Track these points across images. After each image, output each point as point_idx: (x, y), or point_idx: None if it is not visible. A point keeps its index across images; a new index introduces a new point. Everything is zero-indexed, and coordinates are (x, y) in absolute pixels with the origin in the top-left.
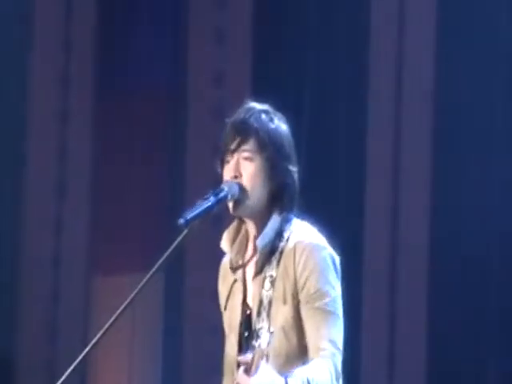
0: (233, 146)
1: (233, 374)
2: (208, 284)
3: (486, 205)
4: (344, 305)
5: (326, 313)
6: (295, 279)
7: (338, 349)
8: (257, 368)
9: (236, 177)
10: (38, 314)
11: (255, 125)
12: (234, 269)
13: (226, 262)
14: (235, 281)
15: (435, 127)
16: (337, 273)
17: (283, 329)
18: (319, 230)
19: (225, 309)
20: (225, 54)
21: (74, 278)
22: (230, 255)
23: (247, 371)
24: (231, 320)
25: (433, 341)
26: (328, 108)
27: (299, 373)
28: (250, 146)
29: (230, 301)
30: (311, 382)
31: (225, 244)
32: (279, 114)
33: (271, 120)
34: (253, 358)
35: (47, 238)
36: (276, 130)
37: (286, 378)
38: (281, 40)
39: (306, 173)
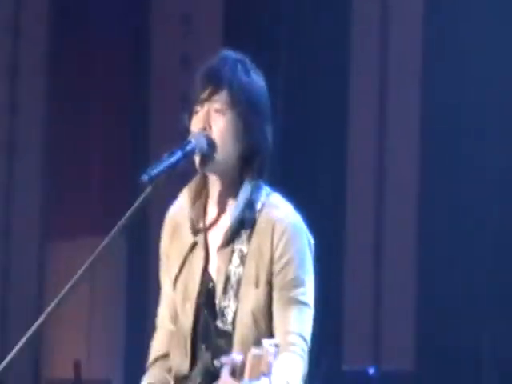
0: (203, 96)
1: (185, 347)
2: None
3: (479, 175)
4: (329, 270)
5: (300, 304)
6: (271, 261)
7: (307, 344)
8: (257, 377)
9: (205, 129)
10: None
11: (229, 75)
12: (195, 231)
13: (175, 214)
14: (195, 244)
15: (422, 98)
16: (312, 257)
17: (253, 314)
18: (294, 205)
19: (178, 273)
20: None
21: (27, 247)
22: (191, 214)
23: (234, 373)
24: (188, 287)
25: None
26: (307, 68)
27: (279, 374)
28: (222, 97)
29: (186, 265)
30: None
31: (186, 201)
32: (255, 67)
33: (247, 72)
34: (243, 362)
35: None
36: (251, 82)
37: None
38: None
39: (281, 135)
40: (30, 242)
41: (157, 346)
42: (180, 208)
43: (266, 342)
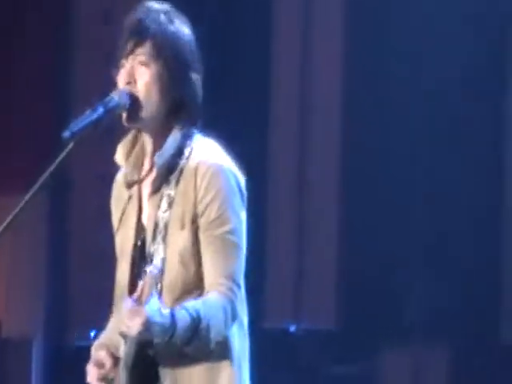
0: (127, 49)
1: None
2: (97, 203)
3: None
4: (249, 230)
5: (226, 242)
6: (195, 203)
7: (236, 284)
8: (149, 297)
9: (129, 83)
10: None
11: (152, 26)
12: (128, 184)
13: (120, 178)
14: (130, 198)
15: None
16: (242, 198)
17: (180, 256)
18: (224, 148)
19: (117, 230)
20: None
21: None
22: (125, 169)
23: (138, 300)
24: (123, 243)
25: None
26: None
27: (189, 307)
28: (145, 49)
29: (122, 221)
30: (202, 319)
31: (120, 157)
32: (182, 17)
33: (171, 22)
34: (143, 285)
35: None
36: (176, 33)
37: (172, 312)
38: None
39: (208, 83)
40: None
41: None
42: (123, 171)
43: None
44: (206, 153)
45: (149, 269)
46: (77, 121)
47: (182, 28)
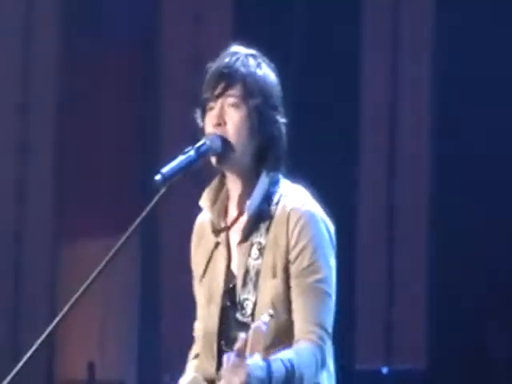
0: (217, 92)
1: (211, 349)
2: (187, 246)
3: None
4: (338, 275)
5: (318, 291)
6: (287, 250)
7: (326, 332)
8: (253, 353)
9: (219, 124)
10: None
11: (242, 69)
12: (216, 232)
13: (202, 221)
14: (217, 244)
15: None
16: (332, 246)
17: (272, 304)
18: (312, 195)
19: (203, 275)
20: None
21: (39, 248)
22: (211, 216)
23: (240, 353)
24: (212, 288)
25: None
26: (318, 61)
27: (284, 358)
28: (236, 91)
29: (210, 267)
30: (296, 369)
31: (205, 203)
32: (267, 61)
33: (259, 66)
34: (247, 339)
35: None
36: (264, 76)
37: (268, 363)
38: None
39: (294, 128)
40: (42, 242)
41: (192, 355)
42: (204, 214)
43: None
44: (297, 200)
45: (255, 324)
46: (169, 166)
47: (269, 72)
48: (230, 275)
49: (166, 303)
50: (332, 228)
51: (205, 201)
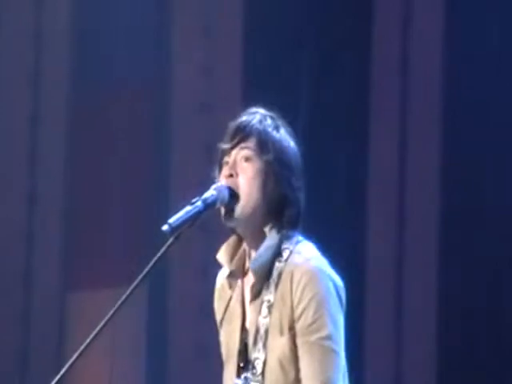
0: (231, 144)
1: None
2: (195, 298)
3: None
4: (347, 333)
5: (323, 348)
6: (292, 308)
7: None
8: None
9: (231, 175)
10: (9, 338)
11: (258, 126)
12: (230, 285)
13: (220, 278)
14: (230, 299)
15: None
16: (340, 302)
17: (280, 362)
18: (322, 252)
19: (220, 329)
20: (213, 46)
21: (47, 296)
22: (230, 270)
23: None
24: (229, 346)
25: None
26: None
27: None
28: (250, 144)
29: (226, 322)
30: None
31: (222, 258)
32: (285, 124)
33: (276, 127)
34: None
35: (18, 251)
36: (281, 137)
37: None
38: (273, 35)
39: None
40: (50, 292)
41: None
42: (224, 270)
43: None
44: (302, 257)
45: (251, 375)
46: (176, 216)
47: (287, 136)
48: (244, 333)
49: (173, 354)
50: (340, 284)
51: (222, 254)
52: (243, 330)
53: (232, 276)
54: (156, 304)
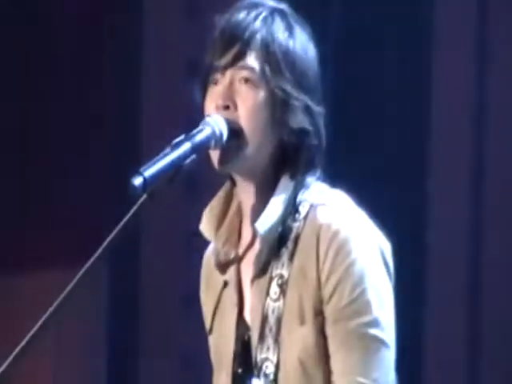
0: (226, 60)
1: None
2: (176, 283)
3: None
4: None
5: (366, 338)
6: (318, 284)
7: None
8: None
9: (227, 107)
10: None
11: (263, 30)
12: (221, 266)
13: (208, 254)
14: (225, 285)
15: None
16: (388, 272)
17: (301, 362)
18: (358, 204)
19: (210, 331)
20: None
21: None
22: (216, 244)
23: None
24: (220, 348)
25: None
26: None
27: None
28: (252, 61)
29: (216, 318)
30: None
31: (207, 227)
32: (302, 22)
33: (289, 27)
34: None
35: None
36: (295, 44)
37: None
38: None
39: (335, 119)
40: None
41: None
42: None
43: None
44: (330, 210)
45: (260, 382)
46: (150, 164)
47: (303, 38)
48: (242, 327)
49: (145, 352)
50: (387, 247)
51: (206, 224)
52: (240, 322)
53: (222, 253)
54: (120, 291)
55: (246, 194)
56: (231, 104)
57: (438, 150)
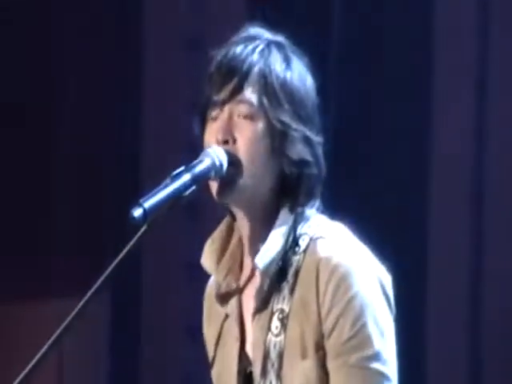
0: (223, 95)
1: None
2: (179, 311)
3: None
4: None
5: (369, 373)
6: (319, 318)
7: None
8: None
9: (226, 142)
10: None
11: (261, 63)
12: (222, 298)
13: (210, 287)
14: (226, 318)
15: None
16: (389, 305)
17: None
18: (358, 236)
19: (212, 364)
20: None
21: None
22: (217, 277)
23: None
24: (222, 382)
25: None
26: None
27: None
28: (250, 95)
29: (218, 350)
30: None
31: (208, 261)
32: (299, 53)
33: (287, 60)
34: None
35: None
36: (293, 76)
37: None
38: None
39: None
40: None
41: None
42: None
43: None
44: (330, 243)
45: None
46: (150, 195)
47: (302, 70)
48: (244, 361)
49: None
50: (387, 279)
51: (207, 258)
52: (242, 356)
53: (223, 285)
54: (122, 320)
55: (245, 226)
56: (230, 138)
57: (439, 164)
